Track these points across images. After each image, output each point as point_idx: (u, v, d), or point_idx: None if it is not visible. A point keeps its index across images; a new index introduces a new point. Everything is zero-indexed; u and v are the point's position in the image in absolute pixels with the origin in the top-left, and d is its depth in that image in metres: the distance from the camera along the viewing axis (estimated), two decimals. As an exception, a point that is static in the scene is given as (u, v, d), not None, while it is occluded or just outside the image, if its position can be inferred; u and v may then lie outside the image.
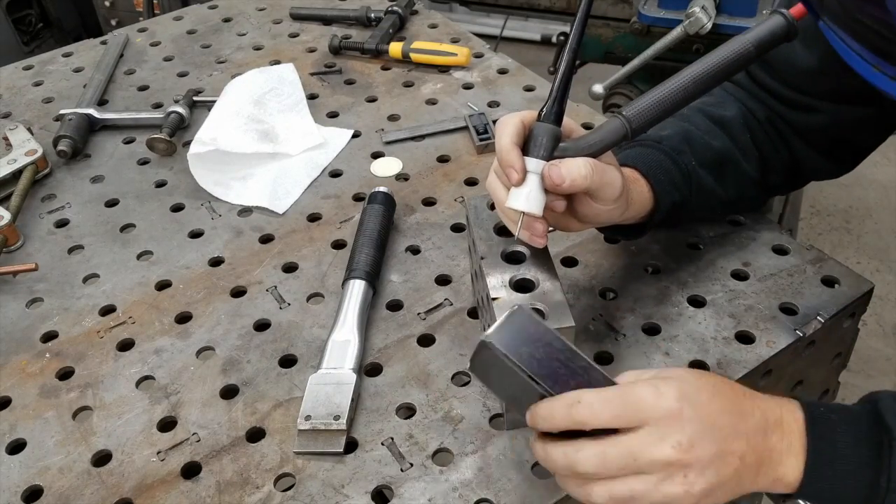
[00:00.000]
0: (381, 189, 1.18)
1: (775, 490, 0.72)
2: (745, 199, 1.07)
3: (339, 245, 1.16)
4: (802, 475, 0.71)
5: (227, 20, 1.74)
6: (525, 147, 0.82)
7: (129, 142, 1.41)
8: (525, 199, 0.81)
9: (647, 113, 0.81)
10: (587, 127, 1.32)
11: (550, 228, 0.86)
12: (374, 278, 1.06)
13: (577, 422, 0.68)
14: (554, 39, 2.34)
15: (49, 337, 1.06)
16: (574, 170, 0.79)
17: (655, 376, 0.71)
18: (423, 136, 1.36)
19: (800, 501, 0.75)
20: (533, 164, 0.81)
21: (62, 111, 1.42)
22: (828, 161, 1.06)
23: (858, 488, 0.71)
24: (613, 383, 0.71)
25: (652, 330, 0.99)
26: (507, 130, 0.82)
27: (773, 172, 1.05)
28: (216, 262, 1.15)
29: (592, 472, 0.67)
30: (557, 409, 0.69)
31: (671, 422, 0.66)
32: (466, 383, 0.95)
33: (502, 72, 1.51)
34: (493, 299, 0.84)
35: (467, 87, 1.48)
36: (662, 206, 0.96)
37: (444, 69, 1.52)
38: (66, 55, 1.66)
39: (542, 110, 0.82)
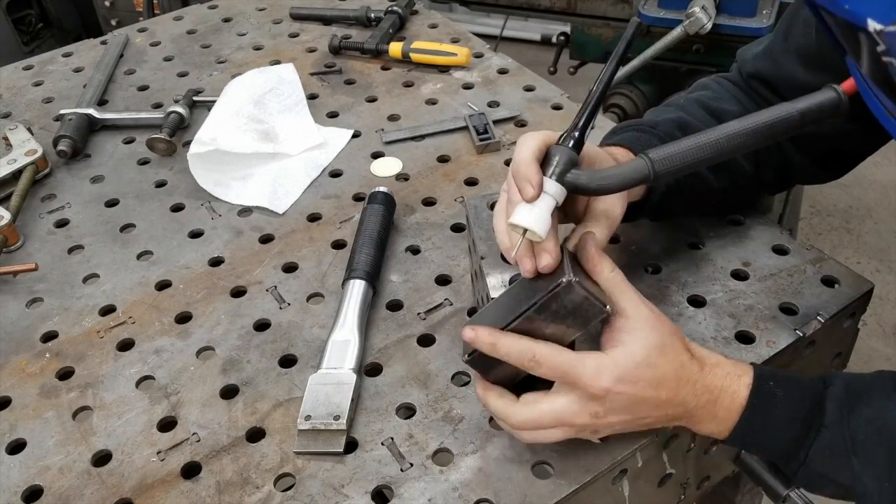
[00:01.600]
0: (381, 189, 1.18)
1: (712, 437, 0.84)
2: (738, 191, 1.07)
3: (339, 245, 1.16)
4: (729, 434, 0.82)
5: (227, 20, 1.74)
6: (541, 167, 0.81)
7: (129, 142, 1.41)
8: (532, 217, 0.77)
9: (673, 160, 0.77)
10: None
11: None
12: (374, 278, 1.07)
13: (526, 366, 0.78)
14: (554, 39, 2.34)
15: (49, 337, 1.06)
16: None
17: (621, 341, 0.78)
18: (423, 136, 1.36)
19: (795, 498, 0.85)
20: (547, 185, 0.79)
21: (62, 111, 1.42)
22: (819, 168, 1.06)
23: (778, 454, 0.83)
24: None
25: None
26: (528, 145, 0.81)
27: (765, 170, 1.06)
28: (216, 262, 1.15)
29: (524, 427, 0.80)
30: (514, 349, 0.77)
31: (596, 399, 0.77)
32: (466, 383, 0.95)
33: (502, 72, 1.51)
34: (493, 299, 0.84)
35: (467, 87, 1.48)
36: (657, 188, 0.96)
37: (444, 69, 1.52)
38: (66, 55, 1.66)
39: (562, 135, 0.82)
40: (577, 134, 0.81)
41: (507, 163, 1.28)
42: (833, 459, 0.78)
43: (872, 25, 0.58)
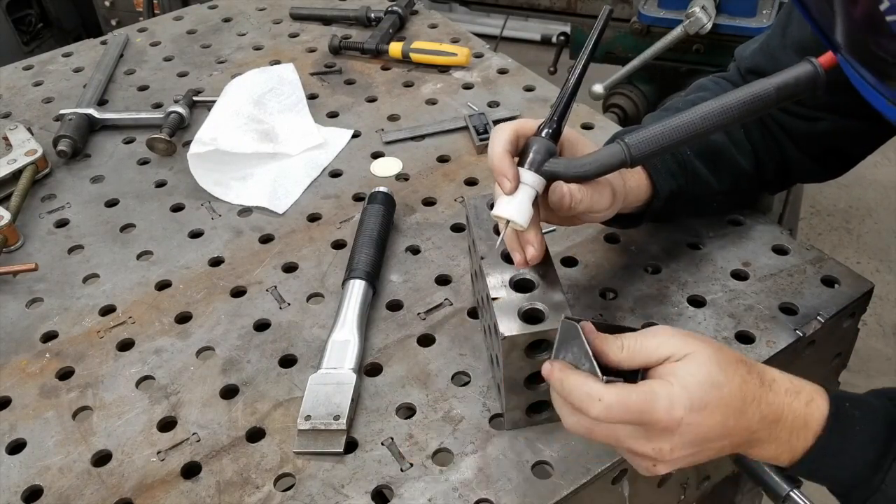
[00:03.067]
0: (381, 189, 1.18)
1: (766, 461, 0.78)
2: (739, 191, 1.07)
3: (339, 245, 1.16)
4: (798, 458, 0.75)
5: (227, 20, 1.74)
6: (520, 159, 0.82)
7: (129, 142, 1.41)
8: (512, 208, 0.80)
9: (650, 143, 0.78)
10: (586, 127, 1.33)
11: (550, 229, 0.87)
12: (374, 278, 1.06)
13: (592, 414, 0.70)
14: (554, 39, 2.34)
15: (49, 337, 1.06)
16: (577, 195, 0.80)
17: (679, 372, 0.71)
18: (423, 136, 1.36)
19: (795, 498, 0.81)
20: (525, 175, 0.80)
21: (62, 111, 1.42)
22: (818, 166, 1.06)
23: (852, 479, 0.76)
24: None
25: (647, 326, 0.99)
26: (498, 138, 0.82)
27: (765, 168, 1.06)
28: (216, 262, 1.15)
29: (589, 435, 0.73)
30: (577, 392, 0.71)
31: (665, 432, 0.70)
32: (466, 383, 0.95)
33: (502, 72, 1.51)
34: (493, 299, 0.84)
35: (467, 87, 1.48)
36: (661, 193, 0.96)
37: (444, 69, 1.52)
38: (66, 55, 1.66)
39: (541, 125, 0.82)
40: (554, 123, 0.82)
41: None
42: None
43: None
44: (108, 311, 1.09)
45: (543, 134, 0.82)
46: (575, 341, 0.74)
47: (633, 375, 0.73)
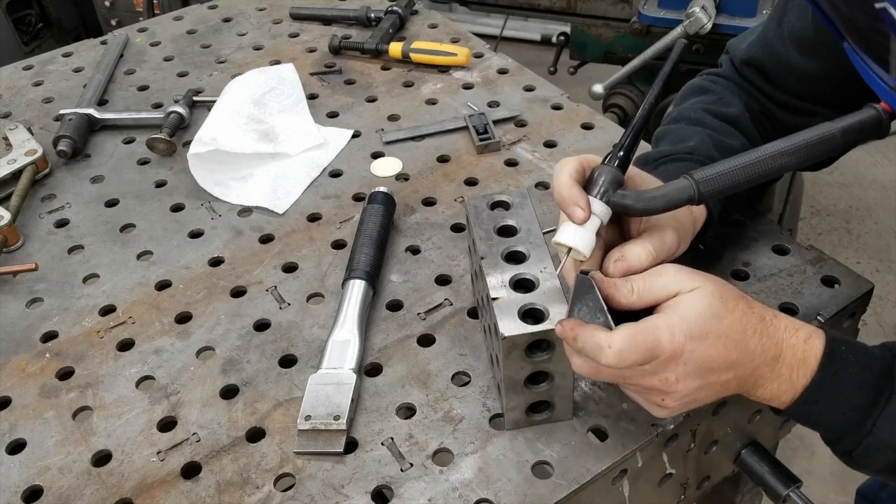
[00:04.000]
0: (381, 189, 1.18)
1: (764, 402, 0.80)
2: (753, 191, 1.07)
3: (339, 245, 1.16)
4: (798, 396, 0.77)
5: (227, 20, 1.74)
6: (585, 187, 0.80)
7: (129, 142, 1.41)
8: (577, 237, 0.78)
9: (718, 181, 0.77)
10: (586, 127, 1.33)
11: (548, 230, 0.86)
12: (374, 278, 1.06)
13: (608, 363, 0.73)
14: (554, 39, 2.34)
15: (49, 337, 1.06)
16: (634, 260, 0.79)
17: (681, 304, 0.74)
18: (423, 136, 1.36)
19: (795, 498, 0.82)
20: (594, 205, 0.79)
21: (62, 111, 1.42)
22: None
23: (844, 423, 0.77)
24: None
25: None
26: (565, 169, 0.80)
27: None
28: (216, 262, 1.15)
29: (607, 363, 0.73)
30: (589, 343, 0.73)
31: (669, 362, 0.73)
32: (466, 383, 0.95)
33: (502, 72, 1.51)
34: (493, 299, 0.84)
35: (467, 87, 1.48)
36: (714, 218, 0.96)
37: (444, 69, 1.52)
38: (66, 55, 1.66)
39: (606, 156, 0.81)
40: (622, 153, 0.80)
41: (508, 163, 1.28)
42: None
43: None
44: (108, 311, 1.09)
45: (611, 164, 0.80)
46: (589, 295, 0.75)
47: (646, 314, 0.76)
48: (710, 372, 0.75)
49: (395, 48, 1.53)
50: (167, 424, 0.93)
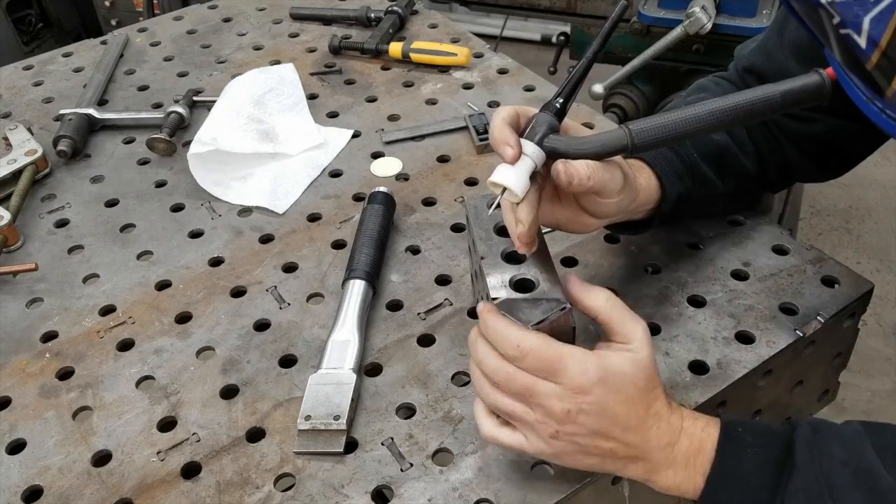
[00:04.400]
0: (381, 189, 1.18)
1: (671, 494, 0.79)
2: (744, 193, 1.08)
3: (339, 245, 1.16)
4: (704, 485, 0.77)
5: (227, 20, 1.74)
6: (522, 133, 0.82)
7: (129, 142, 1.41)
8: (509, 175, 0.78)
9: (653, 132, 0.78)
10: (586, 127, 1.33)
11: (547, 230, 0.86)
12: (374, 278, 1.07)
13: (511, 359, 0.75)
14: (554, 39, 2.33)
15: (49, 337, 1.06)
16: (581, 170, 0.79)
17: (614, 356, 0.76)
18: (423, 136, 1.36)
19: None
20: (524, 146, 0.80)
21: (62, 111, 1.42)
22: (817, 166, 1.06)
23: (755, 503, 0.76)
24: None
25: (652, 330, 0.99)
26: (500, 114, 0.82)
27: (768, 169, 1.06)
28: (216, 262, 1.15)
29: (495, 380, 0.76)
30: (502, 337, 0.75)
31: (576, 393, 0.74)
32: (466, 383, 0.95)
33: (502, 72, 1.51)
34: (493, 299, 0.84)
35: (467, 87, 1.48)
36: (669, 195, 0.96)
37: (444, 69, 1.52)
38: (66, 55, 1.66)
39: (545, 104, 0.82)
40: (558, 102, 0.81)
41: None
42: (809, 501, 0.74)
43: None
44: (108, 311, 1.09)
45: (548, 111, 0.82)
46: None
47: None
48: (608, 425, 0.75)
49: (395, 48, 1.53)
50: (167, 424, 0.93)
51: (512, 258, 0.89)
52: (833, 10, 0.59)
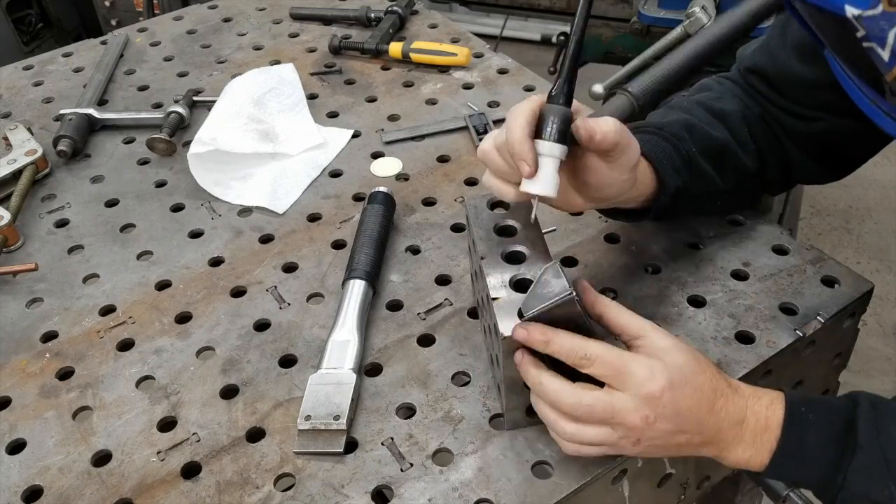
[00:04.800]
0: (381, 189, 1.18)
1: (740, 468, 0.83)
2: (743, 191, 1.07)
3: (339, 245, 1.16)
4: (769, 461, 0.80)
5: (227, 20, 1.74)
6: (537, 129, 0.81)
7: (129, 142, 1.41)
8: (542, 184, 0.80)
9: (652, 88, 0.81)
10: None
11: (548, 230, 0.87)
12: (374, 278, 1.06)
13: (576, 364, 0.77)
14: (554, 39, 2.34)
15: (49, 337, 1.06)
16: (605, 124, 0.80)
17: (662, 350, 0.79)
18: (423, 136, 1.36)
19: (795, 498, 0.84)
20: (546, 147, 0.80)
21: (62, 111, 1.42)
22: (820, 167, 1.06)
23: (819, 480, 0.80)
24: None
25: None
26: (519, 121, 0.80)
27: (769, 168, 1.06)
28: (216, 262, 1.15)
29: (576, 415, 0.78)
30: (567, 343, 0.77)
31: (649, 401, 0.76)
32: (466, 383, 0.95)
33: (502, 72, 1.51)
34: (493, 299, 0.84)
35: (467, 87, 1.48)
36: (667, 188, 0.96)
37: (444, 69, 1.52)
38: (66, 55, 1.66)
39: (551, 91, 0.81)
40: (565, 89, 0.81)
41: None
42: (871, 479, 0.77)
43: (850, 11, 0.58)
44: (108, 311, 1.09)
45: (556, 100, 0.81)
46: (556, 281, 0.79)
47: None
48: (684, 422, 0.78)
49: (395, 48, 1.53)
50: (167, 424, 0.93)
51: (512, 258, 0.89)
52: (859, 23, 0.59)
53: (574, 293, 0.78)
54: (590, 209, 0.93)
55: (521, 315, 0.81)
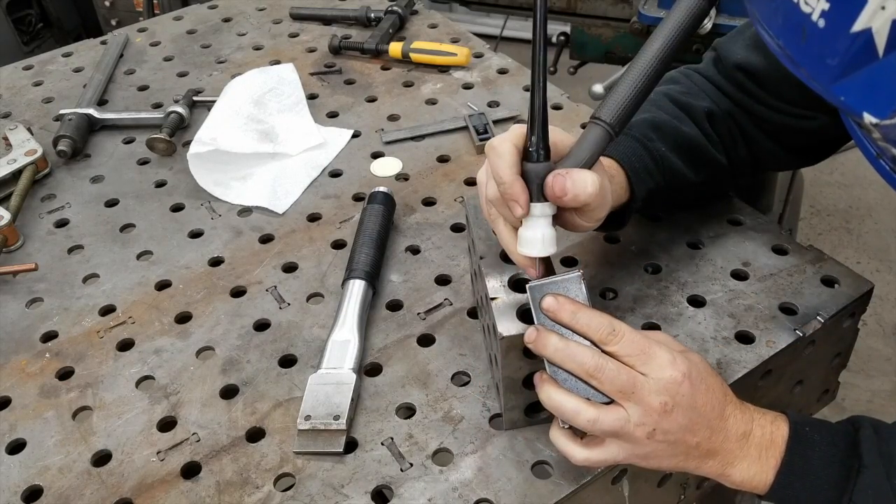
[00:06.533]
0: (381, 189, 1.18)
1: (743, 489, 0.81)
2: (715, 183, 1.08)
3: (339, 245, 1.16)
4: (773, 481, 0.80)
5: (227, 20, 1.74)
6: (527, 189, 0.79)
7: (129, 142, 1.41)
8: (540, 245, 0.79)
9: (624, 109, 0.79)
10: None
11: None
12: (374, 278, 1.07)
13: (602, 339, 0.77)
14: (554, 39, 2.33)
15: (49, 337, 1.06)
16: (580, 184, 0.77)
17: (680, 350, 0.80)
18: (423, 136, 1.36)
19: None
20: (538, 209, 0.79)
21: (62, 111, 1.42)
22: (793, 156, 1.08)
23: (823, 501, 0.79)
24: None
25: (652, 330, 0.99)
26: (504, 162, 0.78)
27: (735, 160, 1.07)
28: (216, 262, 1.15)
29: (600, 377, 0.76)
30: (596, 318, 0.77)
31: (669, 386, 0.76)
32: (466, 383, 0.95)
33: (502, 72, 1.51)
34: (492, 299, 0.84)
35: (467, 87, 1.48)
36: (638, 194, 0.96)
37: (444, 69, 1.52)
38: (66, 55, 1.66)
39: (528, 147, 0.78)
40: (541, 142, 0.78)
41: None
42: (877, 501, 0.77)
43: (868, 119, 0.58)
44: (108, 311, 1.09)
45: (539, 159, 0.79)
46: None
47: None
48: (696, 420, 0.77)
49: (395, 48, 1.53)
50: (167, 424, 0.93)
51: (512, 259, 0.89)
52: (876, 129, 0.59)
53: (581, 273, 0.79)
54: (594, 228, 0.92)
55: (522, 289, 0.81)
